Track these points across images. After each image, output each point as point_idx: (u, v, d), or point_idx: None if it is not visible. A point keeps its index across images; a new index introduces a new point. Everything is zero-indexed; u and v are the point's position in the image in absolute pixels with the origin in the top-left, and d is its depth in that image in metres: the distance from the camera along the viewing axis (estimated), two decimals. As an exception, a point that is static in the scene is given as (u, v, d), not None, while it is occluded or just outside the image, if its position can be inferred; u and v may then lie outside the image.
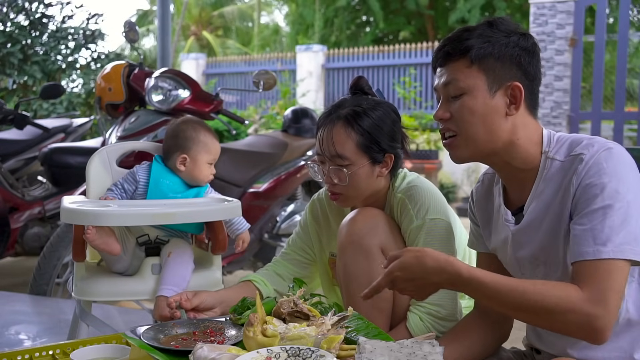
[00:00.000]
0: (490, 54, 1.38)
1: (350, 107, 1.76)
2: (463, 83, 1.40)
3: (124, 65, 3.58)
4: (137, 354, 1.41)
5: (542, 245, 1.41)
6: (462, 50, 1.39)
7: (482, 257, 1.65)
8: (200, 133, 2.11)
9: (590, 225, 1.27)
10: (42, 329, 2.79)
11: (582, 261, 1.26)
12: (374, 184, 1.79)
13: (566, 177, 1.36)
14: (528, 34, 1.42)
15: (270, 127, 10.07)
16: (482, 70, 1.38)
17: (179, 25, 17.22)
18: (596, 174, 1.30)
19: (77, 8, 9.29)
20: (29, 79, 8.26)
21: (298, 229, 2.05)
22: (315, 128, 4.07)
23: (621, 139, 8.29)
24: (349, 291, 1.76)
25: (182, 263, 2.00)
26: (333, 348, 1.27)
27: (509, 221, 1.48)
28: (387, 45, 13.22)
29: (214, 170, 2.14)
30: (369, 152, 1.75)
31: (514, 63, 1.39)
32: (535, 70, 1.42)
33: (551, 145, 1.42)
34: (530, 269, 1.47)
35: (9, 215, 3.74)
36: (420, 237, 1.72)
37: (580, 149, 1.35)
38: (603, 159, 1.31)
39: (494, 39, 1.39)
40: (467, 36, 1.40)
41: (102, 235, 1.90)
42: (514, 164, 1.43)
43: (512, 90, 1.39)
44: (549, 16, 8.85)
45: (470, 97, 1.39)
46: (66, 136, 4.66)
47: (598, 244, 1.25)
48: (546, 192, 1.40)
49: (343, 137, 1.74)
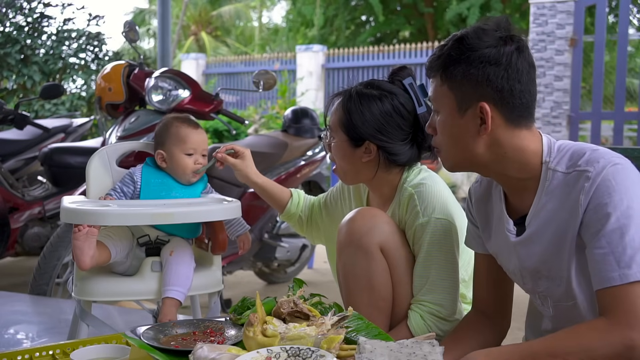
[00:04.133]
0: (458, 73, 1.36)
1: (355, 88, 1.83)
2: (436, 102, 1.42)
3: (124, 65, 3.58)
4: (137, 354, 1.41)
5: (544, 260, 1.40)
6: (435, 68, 1.40)
7: (479, 258, 1.64)
8: (172, 126, 2.10)
9: (610, 249, 1.24)
10: (42, 329, 2.78)
11: (610, 287, 1.24)
12: (361, 168, 1.82)
13: (571, 193, 1.32)
14: (507, 39, 1.35)
15: (270, 127, 10.07)
16: (452, 89, 1.38)
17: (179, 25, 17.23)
18: (606, 193, 1.27)
19: (79, 10, 9.26)
20: (28, 80, 8.23)
21: (328, 193, 2.13)
22: (315, 128, 4.10)
23: (621, 139, 8.30)
24: (349, 290, 1.76)
25: (185, 262, 2.00)
26: (333, 348, 1.27)
27: (511, 231, 1.46)
28: (387, 45, 13.22)
29: (201, 159, 2.09)
30: (346, 131, 1.81)
31: (481, 82, 1.34)
32: (510, 82, 1.33)
33: (552, 155, 1.38)
34: (532, 281, 1.46)
35: (9, 215, 3.74)
36: (425, 235, 1.72)
37: (585, 164, 1.31)
38: (611, 176, 1.28)
39: (462, 58, 1.35)
40: (439, 53, 1.40)
41: (88, 238, 1.82)
42: (510, 174, 1.41)
43: (480, 111, 1.35)
44: (549, 16, 8.85)
45: (443, 116, 1.41)
46: (66, 136, 4.65)
47: (622, 267, 1.22)
48: (549, 207, 1.37)
49: (335, 110, 1.85)
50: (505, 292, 1.64)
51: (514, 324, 1.66)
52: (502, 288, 1.63)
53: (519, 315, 1.74)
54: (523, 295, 1.67)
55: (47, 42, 8.81)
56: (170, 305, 1.92)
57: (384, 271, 1.73)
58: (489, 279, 1.62)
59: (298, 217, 2.14)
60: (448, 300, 1.71)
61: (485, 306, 1.63)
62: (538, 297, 1.50)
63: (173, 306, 1.92)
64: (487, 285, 1.63)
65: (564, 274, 1.38)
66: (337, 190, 2.10)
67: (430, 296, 1.70)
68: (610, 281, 1.24)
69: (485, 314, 1.62)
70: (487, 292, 1.63)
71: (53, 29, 8.93)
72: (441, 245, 1.71)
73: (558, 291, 1.41)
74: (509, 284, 1.63)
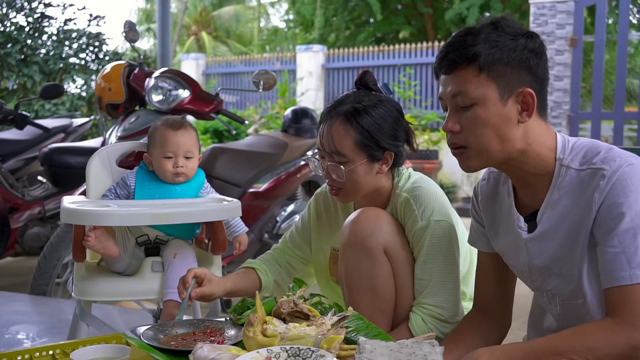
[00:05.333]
0: (499, 59, 1.32)
1: (351, 104, 1.74)
2: (474, 93, 1.33)
3: (124, 65, 3.58)
4: (137, 354, 1.41)
5: (557, 257, 1.39)
6: (469, 57, 1.32)
7: (483, 257, 1.64)
8: (158, 130, 2.11)
9: (621, 248, 1.24)
10: (42, 329, 2.78)
11: (619, 287, 1.24)
12: (372, 181, 1.78)
13: (586, 191, 1.32)
14: (534, 34, 1.36)
15: (270, 127, 10.07)
16: (492, 78, 1.32)
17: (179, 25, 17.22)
18: (621, 192, 1.26)
19: (80, 10, 9.25)
20: (28, 80, 8.23)
21: (298, 224, 2.03)
22: (315, 128, 4.09)
23: (621, 139, 8.30)
24: (351, 292, 1.76)
25: (188, 265, 2.01)
26: (333, 348, 1.27)
27: (522, 228, 1.44)
28: (386, 45, 13.22)
29: (182, 162, 2.07)
30: (367, 150, 1.72)
31: (523, 67, 1.33)
32: (544, 72, 1.36)
33: (566, 152, 1.37)
34: (541, 279, 1.45)
35: (9, 215, 3.74)
36: (424, 238, 1.71)
37: (601, 162, 1.31)
38: (627, 176, 1.27)
39: (501, 43, 1.32)
40: (472, 41, 1.33)
41: (101, 240, 1.90)
42: (527, 169, 1.39)
43: (524, 97, 1.33)
44: (549, 16, 8.85)
45: (482, 108, 1.33)
46: (66, 136, 4.65)
47: (633, 267, 1.22)
48: (562, 203, 1.36)
49: (342, 134, 1.72)
50: (508, 291, 1.63)
51: (513, 324, 1.66)
52: (504, 287, 1.62)
53: (518, 315, 1.74)
54: (522, 295, 1.67)
55: (47, 42, 8.80)
56: (174, 307, 1.93)
57: (388, 273, 1.72)
58: (493, 278, 1.61)
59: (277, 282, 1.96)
60: (449, 302, 1.70)
61: (487, 305, 1.63)
62: (546, 295, 1.48)
63: (176, 308, 1.93)
64: (490, 284, 1.62)
65: (575, 272, 1.37)
66: (308, 219, 2.01)
67: (431, 299, 1.70)
68: (620, 280, 1.24)
69: (486, 313, 1.62)
70: (490, 291, 1.62)
71: (54, 29, 8.93)
72: (441, 247, 1.71)
73: (568, 289, 1.40)
74: (512, 283, 1.63)
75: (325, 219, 1.99)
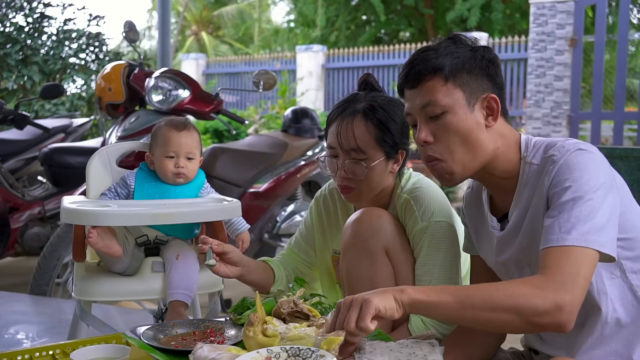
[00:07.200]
0: (462, 68, 1.39)
1: (367, 102, 1.76)
2: (443, 101, 1.39)
3: (124, 65, 3.58)
4: (137, 354, 1.41)
5: (522, 247, 1.42)
6: (435, 68, 1.39)
7: (476, 261, 1.65)
8: (161, 129, 2.11)
9: (558, 217, 1.28)
10: (42, 329, 2.79)
11: (548, 248, 1.27)
12: (385, 180, 1.78)
13: (540, 178, 1.37)
14: (488, 47, 1.45)
15: (270, 127, 10.07)
16: (457, 86, 1.39)
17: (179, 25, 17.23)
18: (567, 170, 1.32)
19: (79, 10, 9.24)
20: (28, 80, 8.23)
21: (302, 228, 2.03)
22: (315, 128, 4.09)
23: (621, 139, 8.31)
24: (352, 293, 1.75)
25: (190, 266, 2.01)
26: (333, 349, 1.27)
27: (495, 227, 1.49)
28: (387, 45, 13.22)
29: (183, 163, 2.08)
30: (385, 146, 1.73)
31: (484, 75, 1.41)
32: (501, 80, 1.45)
33: (529, 150, 1.43)
34: (517, 272, 1.48)
35: (9, 215, 3.74)
36: (424, 239, 1.71)
37: (553, 150, 1.37)
38: (574, 157, 1.33)
39: (461, 54, 1.40)
40: (434, 55, 1.40)
41: (104, 238, 1.90)
42: (497, 174, 1.45)
43: (489, 102, 1.40)
44: (549, 16, 8.86)
45: (453, 115, 1.39)
46: (66, 136, 4.65)
47: (563, 232, 1.26)
48: (524, 196, 1.41)
49: (363, 130, 1.72)
50: None
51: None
52: None
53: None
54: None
55: (47, 43, 8.79)
56: (179, 307, 1.93)
57: (389, 274, 1.72)
58: (487, 281, 1.62)
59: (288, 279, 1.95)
60: None
61: None
62: None
63: (182, 308, 1.94)
64: None
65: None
66: (310, 223, 2.00)
67: None
68: (548, 242, 1.27)
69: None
70: None
71: (53, 29, 8.91)
72: (441, 247, 1.71)
73: None
74: None
75: (326, 222, 1.99)
